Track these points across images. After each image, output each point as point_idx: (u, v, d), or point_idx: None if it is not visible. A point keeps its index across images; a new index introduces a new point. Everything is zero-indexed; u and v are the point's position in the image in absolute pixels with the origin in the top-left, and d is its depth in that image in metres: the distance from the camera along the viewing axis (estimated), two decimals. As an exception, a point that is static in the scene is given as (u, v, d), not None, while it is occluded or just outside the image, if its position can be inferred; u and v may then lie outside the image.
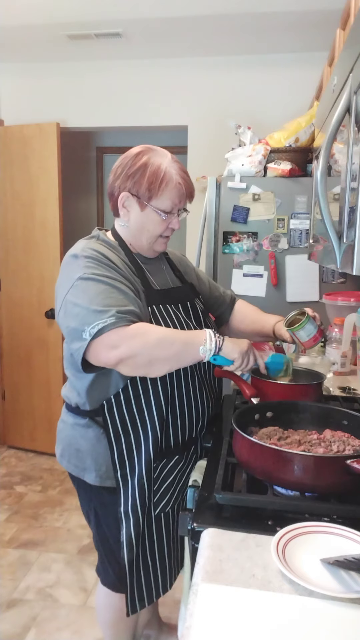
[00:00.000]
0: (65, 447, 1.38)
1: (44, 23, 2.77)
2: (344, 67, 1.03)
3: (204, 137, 3.28)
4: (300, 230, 2.42)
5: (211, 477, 1.08)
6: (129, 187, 1.24)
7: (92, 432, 1.30)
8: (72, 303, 1.16)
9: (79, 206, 4.58)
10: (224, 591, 0.76)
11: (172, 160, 1.26)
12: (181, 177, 1.25)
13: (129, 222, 1.30)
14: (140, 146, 1.29)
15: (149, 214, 1.26)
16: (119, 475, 1.26)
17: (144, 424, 1.25)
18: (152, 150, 1.26)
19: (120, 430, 1.25)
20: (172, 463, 1.31)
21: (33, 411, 3.48)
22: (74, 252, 1.24)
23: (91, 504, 1.38)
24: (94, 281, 1.17)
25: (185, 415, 1.31)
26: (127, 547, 1.27)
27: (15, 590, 2.16)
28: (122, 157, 1.29)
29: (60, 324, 1.22)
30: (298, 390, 1.38)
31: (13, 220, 3.34)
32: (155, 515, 1.31)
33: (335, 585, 0.77)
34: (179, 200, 1.27)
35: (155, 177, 1.22)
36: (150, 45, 3.05)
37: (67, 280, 1.20)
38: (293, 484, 0.98)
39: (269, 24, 2.71)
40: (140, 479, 1.25)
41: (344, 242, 0.96)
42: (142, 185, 1.23)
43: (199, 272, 1.60)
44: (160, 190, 1.23)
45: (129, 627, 1.55)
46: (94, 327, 1.10)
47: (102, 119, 3.41)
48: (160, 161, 1.24)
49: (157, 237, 1.31)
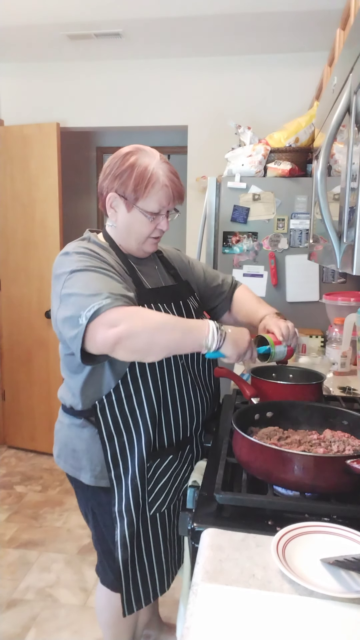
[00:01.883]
0: (62, 447, 1.38)
1: (44, 23, 2.77)
2: (344, 67, 1.03)
3: (204, 137, 3.28)
4: (300, 230, 2.42)
5: (211, 477, 1.09)
6: (116, 187, 1.23)
7: (88, 432, 1.30)
8: (67, 294, 1.14)
9: (79, 206, 4.58)
10: (224, 591, 0.76)
11: (160, 160, 1.24)
12: (169, 178, 1.23)
13: (117, 222, 1.29)
14: (130, 146, 1.28)
15: (135, 215, 1.25)
16: (112, 475, 1.26)
17: (137, 424, 1.25)
18: (141, 151, 1.25)
19: (112, 430, 1.25)
20: (166, 463, 1.31)
21: (33, 411, 3.48)
22: (66, 250, 1.24)
23: (88, 504, 1.38)
24: (87, 271, 1.16)
25: (178, 415, 1.30)
26: (121, 546, 1.27)
27: (15, 590, 2.16)
28: (112, 157, 1.28)
29: (56, 320, 1.19)
30: (298, 390, 1.38)
31: (13, 220, 3.34)
32: (151, 516, 1.31)
33: (335, 585, 0.77)
34: (166, 202, 1.25)
35: (141, 178, 1.20)
36: (150, 45, 3.05)
37: (60, 277, 1.19)
38: (293, 484, 0.98)
39: (269, 24, 2.71)
40: (133, 479, 1.26)
41: (344, 242, 0.96)
42: (128, 186, 1.21)
43: (195, 264, 1.57)
44: (147, 192, 1.21)
45: (129, 626, 1.55)
46: (90, 309, 1.07)
47: (102, 119, 3.41)
48: (148, 162, 1.22)
49: (145, 238, 1.29)
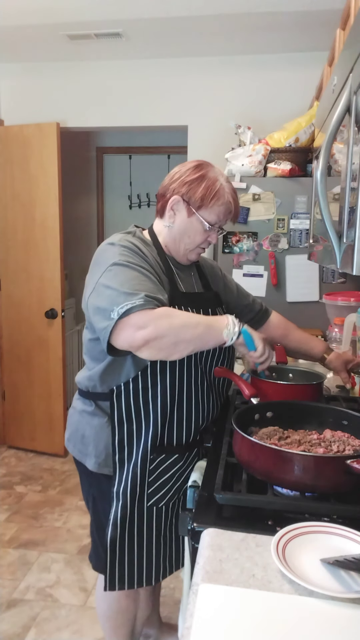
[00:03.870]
0: (72, 431, 1.44)
1: (44, 23, 2.77)
2: (344, 67, 1.03)
3: (204, 137, 3.28)
4: (300, 230, 2.42)
5: (211, 477, 1.09)
6: (183, 192, 1.30)
7: (97, 421, 1.36)
8: (104, 285, 1.19)
9: (79, 206, 4.58)
10: (224, 591, 0.76)
11: (226, 180, 1.34)
12: (232, 197, 1.32)
13: (174, 224, 1.34)
14: (200, 160, 1.36)
15: (193, 222, 1.32)
16: (117, 458, 1.32)
17: (147, 416, 1.30)
18: (211, 166, 1.34)
19: (124, 416, 1.31)
20: (170, 460, 1.34)
21: (33, 411, 3.48)
22: (111, 240, 1.29)
23: (90, 490, 1.45)
24: (127, 267, 1.21)
25: (191, 416, 1.35)
26: (112, 525, 1.33)
27: (15, 590, 2.16)
28: (181, 165, 1.35)
29: (88, 306, 1.25)
30: (298, 391, 1.38)
31: (13, 220, 3.34)
32: (148, 507, 1.35)
33: (335, 585, 0.77)
34: (224, 217, 1.34)
35: (210, 189, 1.28)
36: (150, 45, 3.05)
37: (101, 265, 1.24)
38: (293, 484, 0.98)
39: (269, 24, 2.71)
40: (135, 466, 1.31)
41: (344, 242, 0.96)
42: (196, 193, 1.28)
43: (228, 280, 1.64)
44: (212, 203, 1.29)
45: (127, 619, 1.57)
46: (123, 307, 1.13)
47: (102, 119, 3.41)
48: (217, 177, 1.31)
49: (195, 246, 1.36)
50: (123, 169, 4.55)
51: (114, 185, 4.58)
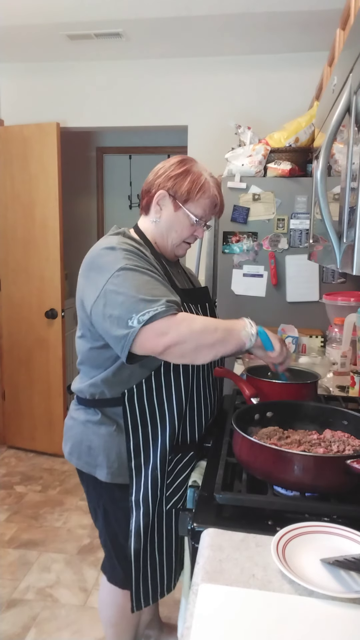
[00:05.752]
0: (75, 444, 1.38)
1: (44, 23, 2.77)
2: (344, 67, 1.03)
3: (204, 137, 3.28)
4: (300, 230, 2.42)
5: (211, 477, 1.08)
6: (169, 186, 1.30)
7: (105, 429, 1.32)
8: (115, 292, 1.16)
9: (79, 206, 4.58)
10: (224, 591, 0.76)
11: (210, 174, 1.34)
12: (217, 191, 1.34)
13: (160, 219, 1.34)
14: (183, 155, 1.37)
15: (180, 216, 1.32)
16: (132, 464, 1.28)
17: (163, 416, 1.28)
18: (194, 161, 1.35)
19: (139, 420, 1.27)
20: (187, 458, 1.32)
21: (33, 411, 3.48)
22: (110, 244, 1.25)
23: (100, 501, 1.39)
24: (137, 272, 1.19)
25: (202, 411, 1.35)
26: (134, 536, 1.28)
27: (15, 590, 2.16)
28: (165, 161, 1.36)
29: (94, 313, 1.21)
30: (293, 390, 1.39)
31: (13, 220, 3.34)
32: (167, 510, 1.32)
33: (335, 585, 0.77)
34: (210, 211, 1.34)
35: (196, 183, 1.29)
36: (150, 45, 3.05)
37: (103, 270, 1.20)
38: (293, 484, 0.98)
39: (268, 24, 2.71)
40: (154, 470, 1.27)
41: (344, 242, 0.96)
42: (182, 187, 1.29)
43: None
44: (198, 196, 1.30)
45: (132, 625, 1.55)
46: (145, 314, 1.11)
47: (102, 119, 3.41)
48: (202, 172, 1.32)
49: (181, 241, 1.37)
50: (123, 169, 4.56)
51: (114, 185, 4.58)
